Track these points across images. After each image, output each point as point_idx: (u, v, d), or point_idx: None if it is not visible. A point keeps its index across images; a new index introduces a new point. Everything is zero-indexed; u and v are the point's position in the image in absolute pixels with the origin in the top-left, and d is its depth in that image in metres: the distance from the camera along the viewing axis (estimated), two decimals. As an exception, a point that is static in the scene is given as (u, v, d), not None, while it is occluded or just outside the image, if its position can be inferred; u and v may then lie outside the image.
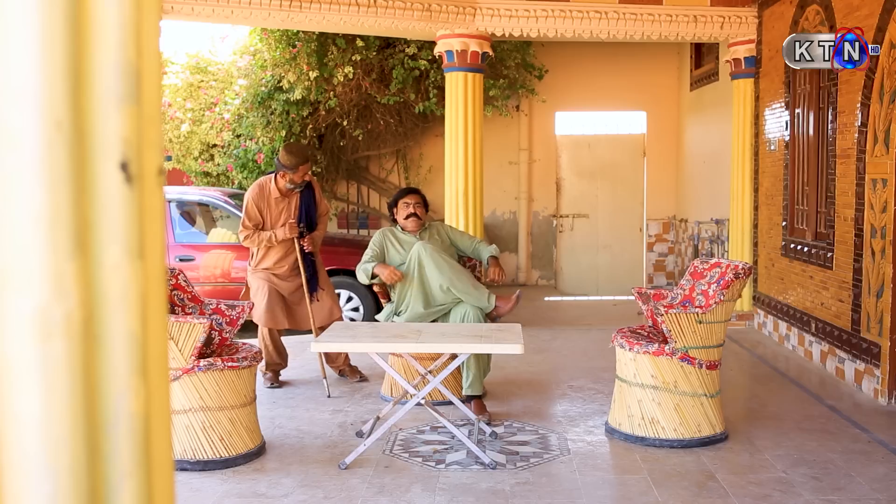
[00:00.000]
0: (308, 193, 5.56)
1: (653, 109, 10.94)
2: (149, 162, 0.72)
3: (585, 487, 3.75)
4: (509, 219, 11.06)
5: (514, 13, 7.36)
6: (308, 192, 5.56)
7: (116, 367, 0.70)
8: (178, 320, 3.92)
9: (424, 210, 5.21)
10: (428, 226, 5.24)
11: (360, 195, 11.06)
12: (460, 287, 4.79)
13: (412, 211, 5.12)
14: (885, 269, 5.06)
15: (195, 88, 10.15)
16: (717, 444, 4.31)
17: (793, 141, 6.84)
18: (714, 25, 7.57)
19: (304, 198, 5.53)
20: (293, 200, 5.52)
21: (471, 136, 7.55)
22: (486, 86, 9.28)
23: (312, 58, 8.86)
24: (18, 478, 0.67)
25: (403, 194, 5.25)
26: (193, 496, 3.67)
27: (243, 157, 9.81)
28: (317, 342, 4.09)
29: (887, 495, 3.67)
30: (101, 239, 0.69)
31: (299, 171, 5.36)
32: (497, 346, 4.03)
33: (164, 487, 0.75)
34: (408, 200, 5.17)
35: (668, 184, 10.99)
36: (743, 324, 7.75)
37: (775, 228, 7.22)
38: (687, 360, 4.26)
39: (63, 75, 0.66)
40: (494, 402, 5.19)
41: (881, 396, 5.10)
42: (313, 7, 6.77)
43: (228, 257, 7.78)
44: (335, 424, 4.73)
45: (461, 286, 4.79)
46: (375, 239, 5.20)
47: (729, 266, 4.54)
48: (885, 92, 5.06)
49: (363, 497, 3.64)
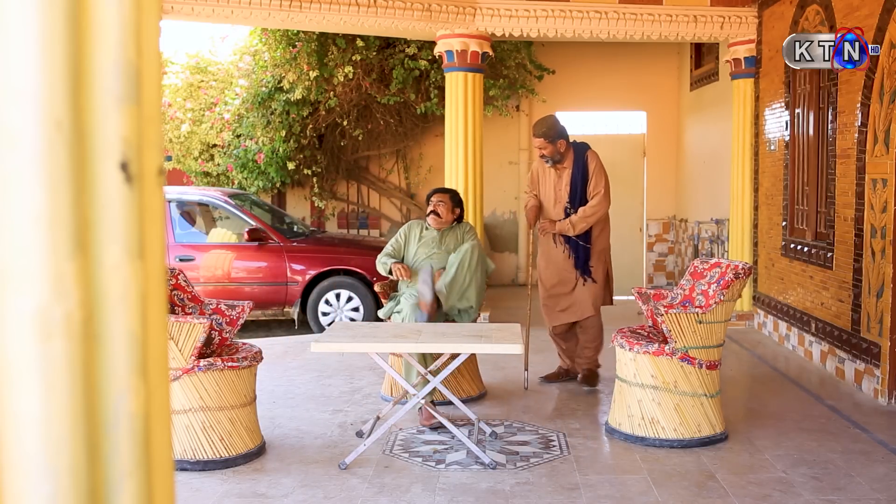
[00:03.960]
0: (576, 169, 5.34)
1: (653, 109, 10.94)
2: (149, 162, 0.72)
3: (585, 487, 3.75)
4: (509, 219, 11.06)
5: (514, 13, 7.36)
6: (576, 168, 5.34)
7: (116, 367, 0.70)
8: (178, 320, 3.92)
9: (451, 210, 5.24)
10: (455, 226, 5.28)
11: (360, 195, 11.06)
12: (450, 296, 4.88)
13: (432, 209, 5.23)
14: (885, 269, 5.05)
15: (195, 88, 10.15)
16: (717, 444, 4.31)
17: (793, 141, 6.84)
18: (714, 25, 7.57)
19: (574, 174, 5.33)
20: (563, 175, 5.37)
21: (471, 136, 7.55)
22: (486, 86, 9.28)
23: (312, 58, 8.86)
24: (18, 478, 0.67)
25: (434, 192, 5.35)
26: (193, 496, 3.67)
27: (243, 157, 9.81)
28: (317, 342, 4.08)
29: (887, 495, 3.67)
30: (101, 239, 0.69)
31: (535, 144, 5.33)
32: (497, 346, 4.02)
33: (164, 487, 0.75)
34: (434, 199, 5.28)
35: (668, 184, 10.99)
36: (743, 324, 7.75)
37: (775, 228, 7.22)
38: (687, 360, 4.26)
39: (63, 75, 0.66)
40: (494, 402, 5.19)
41: (881, 396, 5.10)
42: (313, 7, 6.77)
43: (228, 257, 7.78)
44: (335, 424, 4.73)
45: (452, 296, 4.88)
46: (402, 230, 5.33)
47: (729, 266, 4.54)
48: (885, 92, 5.05)
49: (363, 497, 3.64)
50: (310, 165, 10.10)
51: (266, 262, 7.74)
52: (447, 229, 5.24)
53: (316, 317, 7.73)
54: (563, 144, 5.29)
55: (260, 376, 4.59)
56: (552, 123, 5.29)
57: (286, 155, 9.68)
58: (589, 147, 5.40)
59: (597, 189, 5.25)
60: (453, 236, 5.23)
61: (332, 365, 6.17)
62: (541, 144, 5.27)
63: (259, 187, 10.02)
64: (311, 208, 10.87)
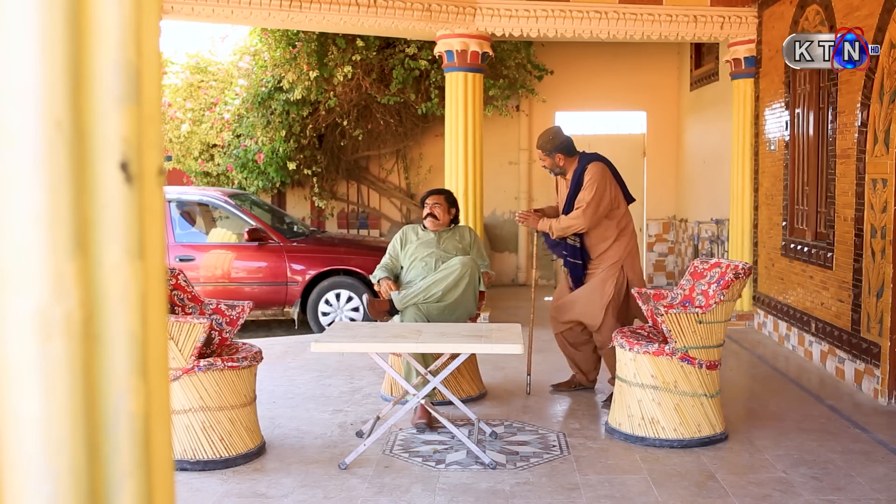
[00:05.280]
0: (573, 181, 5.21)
1: (653, 109, 10.94)
2: (149, 162, 0.72)
3: (585, 487, 3.75)
4: (509, 219, 11.06)
5: (514, 13, 7.36)
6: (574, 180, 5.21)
7: (116, 367, 0.70)
8: (178, 320, 3.92)
9: (448, 211, 5.22)
10: (454, 228, 5.26)
11: (360, 195, 11.06)
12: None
13: (429, 211, 5.18)
14: (885, 269, 5.05)
15: (195, 88, 10.15)
16: (717, 444, 4.31)
17: (793, 141, 6.84)
18: (714, 25, 7.57)
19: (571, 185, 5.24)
20: (567, 186, 5.28)
21: (471, 136, 7.55)
22: (486, 86, 9.28)
23: (312, 58, 8.86)
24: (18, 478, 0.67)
25: (428, 195, 5.30)
26: (193, 496, 3.67)
27: (243, 157, 9.81)
28: (317, 342, 4.08)
29: (887, 495, 3.67)
30: (101, 239, 0.69)
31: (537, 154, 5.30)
32: (497, 346, 4.03)
33: (164, 487, 0.75)
34: (429, 201, 5.23)
35: (668, 184, 10.99)
36: (743, 324, 7.75)
37: (775, 228, 7.22)
38: (687, 360, 4.26)
39: (63, 75, 0.66)
40: (494, 402, 5.19)
41: (881, 396, 5.10)
42: (313, 7, 6.77)
43: (228, 257, 7.78)
44: (335, 424, 4.72)
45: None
46: (397, 236, 5.28)
47: (729, 266, 4.54)
48: (885, 92, 5.05)
49: (363, 497, 3.64)
50: (310, 165, 10.10)
51: (266, 262, 7.74)
52: (444, 231, 5.22)
53: (316, 317, 7.74)
54: (561, 158, 5.18)
55: (260, 376, 4.59)
56: (551, 137, 5.22)
57: (286, 155, 9.69)
58: (595, 160, 5.19)
59: (580, 202, 5.08)
60: (452, 238, 5.19)
61: (332, 365, 6.17)
62: (540, 156, 5.27)
63: (259, 187, 10.02)
64: (311, 208, 10.87)
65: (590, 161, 5.18)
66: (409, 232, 5.27)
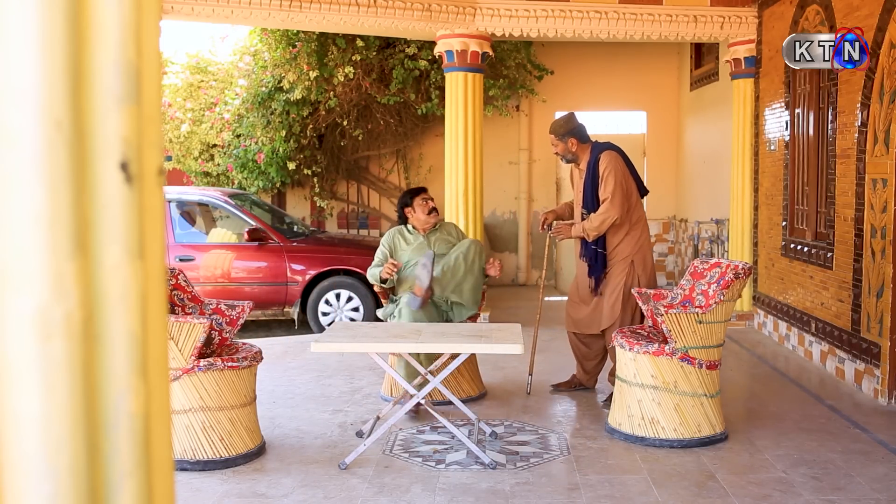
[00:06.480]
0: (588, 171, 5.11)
1: (653, 109, 10.94)
2: (149, 162, 0.72)
3: (585, 487, 3.75)
4: (509, 219, 11.06)
5: (514, 13, 7.36)
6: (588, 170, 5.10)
7: (116, 367, 0.70)
8: (178, 320, 3.92)
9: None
10: (439, 226, 5.26)
11: (360, 195, 11.06)
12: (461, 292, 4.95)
13: (433, 206, 5.19)
14: (885, 269, 5.05)
15: (195, 88, 10.15)
16: (717, 444, 4.31)
17: (793, 141, 6.84)
18: (714, 25, 7.57)
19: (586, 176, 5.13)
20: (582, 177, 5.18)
21: (471, 136, 7.55)
22: (486, 86, 9.27)
23: (312, 58, 8.86)
24: (18, 478, 0.67)
25: (417, 192, 5.26)
26: (193, 496, 3.67)
27: (243, 157, 9.81)
28: (317, 342, 4.08)
29: (887, 495, 3.67)
30: (101, 239, 0.69)
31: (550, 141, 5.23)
32: (497, 346, 4.02)
33: (164, 487, 0.75)
34: (425, 197, 5.22)
35: (668, 184, 10.99)
36: (743, 324, 7.75)
37: (775, 228, 7.22)
38: (687, 360, 4.26)
39: (63, 75, 0.66)
40: (494, 402, 5.19)
41: (881, 396, 5.10)
42: (313, 7, 6.77)
43: (228, 257, 7.78)
44: (335, 424, 4.72)
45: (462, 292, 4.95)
46: (384, 241, 5.21)
47: (729, 266, 4.54)
48: (885, 92, 5.05)
49: (363, 497, 3.64)
50: (310, 165, 10.10)
51: (266, 262, 7.74)
52: (431, 231, 5.20)
53: (316, 317, 7.74)
54: (575, 143, 5.09)
55: (260, 376, 4.59)
56: (564, 121, 5.15)
57: (286, 155, 9.69)
58: (608, 148, 5.12)
59: (605, 194, 4.97)
60: (442, 237, 5.19)
61: (332, 365, 6.17)
62: (552, 141, 5.16)
63: (259, 187, 10.02)
64: (312, 208, 10.87)
65: (602, 150, 5.10)
66: (395, 236, 5.21)
